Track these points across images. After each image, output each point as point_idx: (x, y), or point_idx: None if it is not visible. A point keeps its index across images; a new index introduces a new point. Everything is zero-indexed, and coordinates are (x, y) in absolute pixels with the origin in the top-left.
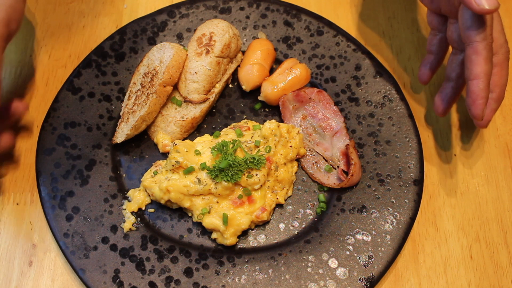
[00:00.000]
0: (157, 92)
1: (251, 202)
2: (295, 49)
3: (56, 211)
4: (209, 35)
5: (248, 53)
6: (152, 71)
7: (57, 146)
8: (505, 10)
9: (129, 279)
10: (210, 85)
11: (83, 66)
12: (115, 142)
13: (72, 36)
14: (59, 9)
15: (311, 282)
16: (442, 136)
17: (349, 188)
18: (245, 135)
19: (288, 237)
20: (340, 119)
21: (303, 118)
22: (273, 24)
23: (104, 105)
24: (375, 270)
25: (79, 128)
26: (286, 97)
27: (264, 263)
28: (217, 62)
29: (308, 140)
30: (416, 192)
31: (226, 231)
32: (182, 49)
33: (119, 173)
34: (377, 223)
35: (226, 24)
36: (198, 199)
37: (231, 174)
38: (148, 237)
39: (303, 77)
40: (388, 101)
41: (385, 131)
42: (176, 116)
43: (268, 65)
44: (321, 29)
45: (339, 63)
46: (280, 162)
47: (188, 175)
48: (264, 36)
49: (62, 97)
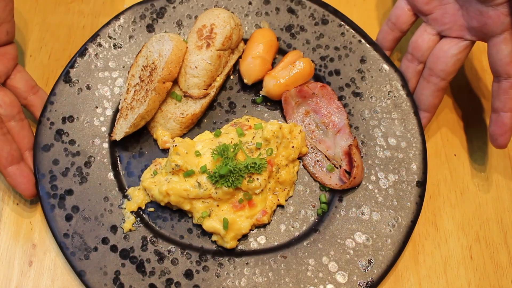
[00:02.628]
0: (156, 89)
1: (251, 206)
2: (299, 38)
3: (56, 210)
4: (209, 27)
5: (250, 45)
6: (151, 65)
7: (56, 142)
8: None
9: (129, 281)
10: (210, 79)
11: (79, 55)
12: (114, 139)
13: (72, 36)
14: (59, 9)
15: (311, 286)
16: (442, 136)
17: (350, 189)
18: (246, 134)
19: (289, 238)
20: (343, 115)
21: (305, 114)
22: (277, 11)
23: (102, 98)
24: (374, 274)
25: (77, 123)
26: (289, 93)
27: (264, 266)
28: (218, 55)
29: (310, 137)
30: (419, 195)
31: (226, 235)
32: (182, 42)
33: (118, 170)
34: (378, 226)
35: (227, 14)
36: (198, 202)
37: (231, 180)
38: (148, 237)
39: (306, 72)
40: (393, 97)
41: (389, 128)
42: (176, 113)
43: (271, 58)
44: (326, 18)
45: (344, 54)
46: (281, 164)
47: (188, 178)
48: (267, 25)
49: (59, 89)
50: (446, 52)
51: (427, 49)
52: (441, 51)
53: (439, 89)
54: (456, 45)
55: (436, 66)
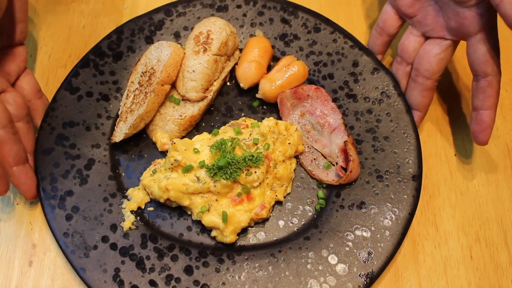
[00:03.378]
0: (155, 91)
1: (250, 200)
2: (292, 46)
3: (56, 210)
4: (206, 33)
5: (245, 51)
6: (150, 70)
7: (56, 146)
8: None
9: (129, 278)
10: (208, 83)
11: (81, 66)
12: (114, 141)
13: (72, 36)
14: (59, 9)
15: (311, 278)
16: (442, 136)
17: (348, 185)
18: (243, 132)
19: (288, 234)
20: (338, 116)
21: (301, 115)
22: (270, 21)
23: (102, 105)
24: (374, 266)
25: (78, 128)
26: (284, 94)
27: (264, 260)
28: (214, 60)
29: (306, 137)
30: (415, 188)
31: (225, 229)
32: (179, 48)
33: (118, 172)
34: (376, 219)
35: (223, 22)
36: (197, 197)
37: (229, 172)
38: (148, 235)
39: (300, 74)
40: (386, 97)
41: (383, 127)
42: (174, 115)
43: (266, 63)
44: (318, 26)
45: (337, 59)
46: (278, 160)
47: (187, 173)
48: (261, 34)
49: (60, 97)
50: (429, 52)
51: (414, 51)
52: (425, 52)
53: (426, 89)
54: (439, 45)
55: (421, 66)
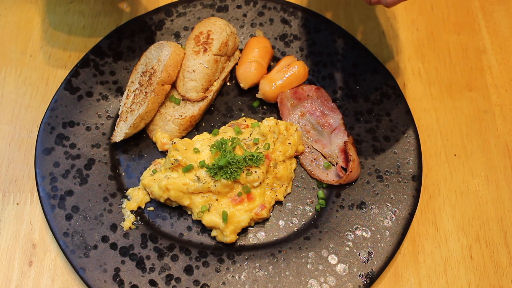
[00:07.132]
0: (155, 91)
1: (250, 199)
2: (292, 46)
3: (56, 210)
4: (206, 33)
5: (245, 51)
6: (150, 70)
7: (56, 146)
8: (504, 10)
9: (129, 278)
10: (208, 83)
11: (81, 66)
12: (114, 141)
13: (72, 36)
14: (59, 9)
15: (311, 278)
16: (442, 136)
17: (348, 185)
18: (243, 132)
19: (288, 234)
20: (338, 116)
21: (301, 115)
22: (270, 22)
23: (102, 104)
24: (374, 266)
25: (78, 128)
26: (284, 95)
27: (264, 260)
28: (214, 60)
29: (306, 137)
30: (415, 188)
31: (226, 229)
32: (180, 48)
33: (118, 172)
34: (376, 219)
35: (223, 22)
36: (198, 197)
37: (230, 172)
38: (148, 235)
39: (301, 74)
40: (386, 97)
41: (383, 127)
42: (174, 115)
43: (266, 63)
44: (318, 27)
45: (336, 60)
46: (279, 159)
47: (187, 173)
48: (262, 34)
49: (60, 96)
50: None
51: None
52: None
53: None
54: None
55: None
